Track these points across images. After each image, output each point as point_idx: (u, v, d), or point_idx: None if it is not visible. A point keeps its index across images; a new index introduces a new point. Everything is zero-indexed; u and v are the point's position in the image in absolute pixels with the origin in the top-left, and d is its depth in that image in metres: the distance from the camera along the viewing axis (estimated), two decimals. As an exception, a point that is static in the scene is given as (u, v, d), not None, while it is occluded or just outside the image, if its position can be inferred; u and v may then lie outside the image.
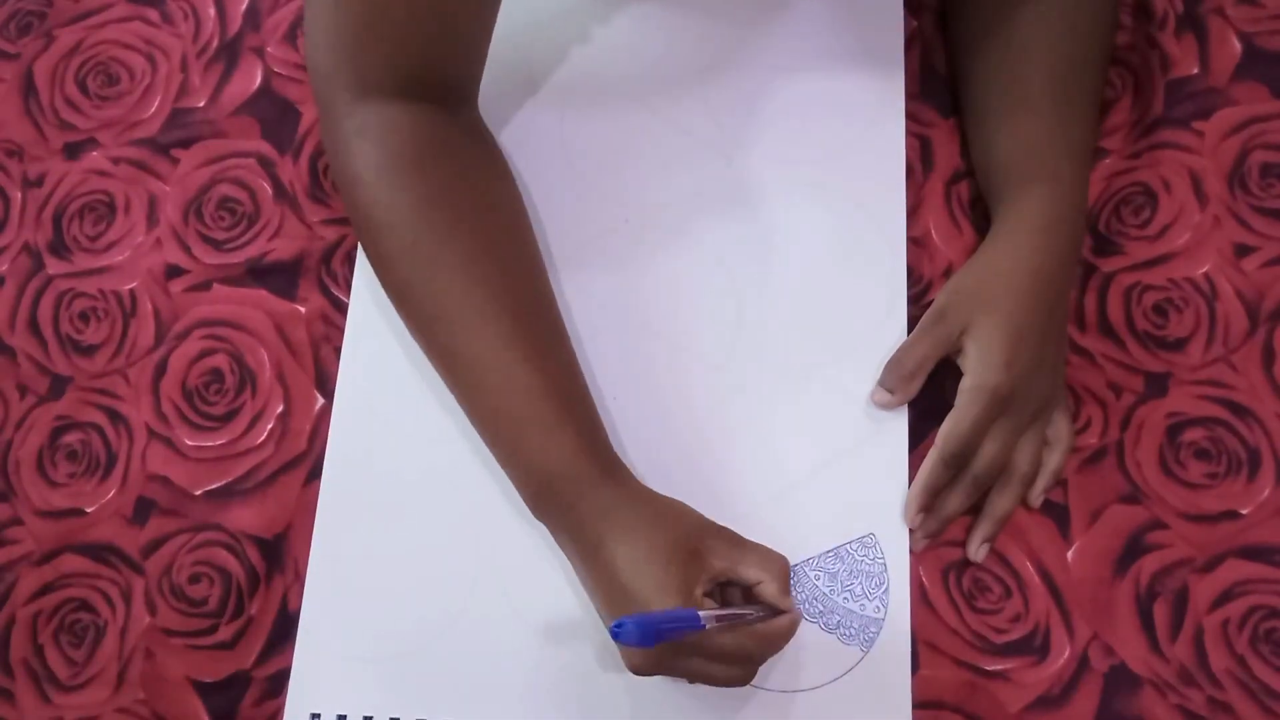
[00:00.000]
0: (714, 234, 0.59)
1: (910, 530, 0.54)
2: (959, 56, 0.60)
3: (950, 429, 0.52)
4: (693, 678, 0.49)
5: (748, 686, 0.50)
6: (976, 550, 0.53)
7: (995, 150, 0.56)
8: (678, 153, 0.60)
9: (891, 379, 0.55)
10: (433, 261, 0.51)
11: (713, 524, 0.50)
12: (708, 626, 0.44)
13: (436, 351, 0.52)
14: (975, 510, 0.54)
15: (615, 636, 0.41)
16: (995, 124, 0.57)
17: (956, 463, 0.52)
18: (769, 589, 0.48)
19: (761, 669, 0.50)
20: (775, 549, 0.50)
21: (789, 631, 0.49)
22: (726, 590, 0.50)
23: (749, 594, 0.49)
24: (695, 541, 0.48)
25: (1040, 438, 0.53)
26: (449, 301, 0.50)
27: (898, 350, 0.55)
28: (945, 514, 0.53)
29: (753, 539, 0.50)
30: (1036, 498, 0.54)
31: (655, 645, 0.43)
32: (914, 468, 0.55)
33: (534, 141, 0.61)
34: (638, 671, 0.48)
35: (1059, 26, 0.55)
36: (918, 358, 0.54)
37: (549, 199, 0.60)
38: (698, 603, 0.46)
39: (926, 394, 0.56)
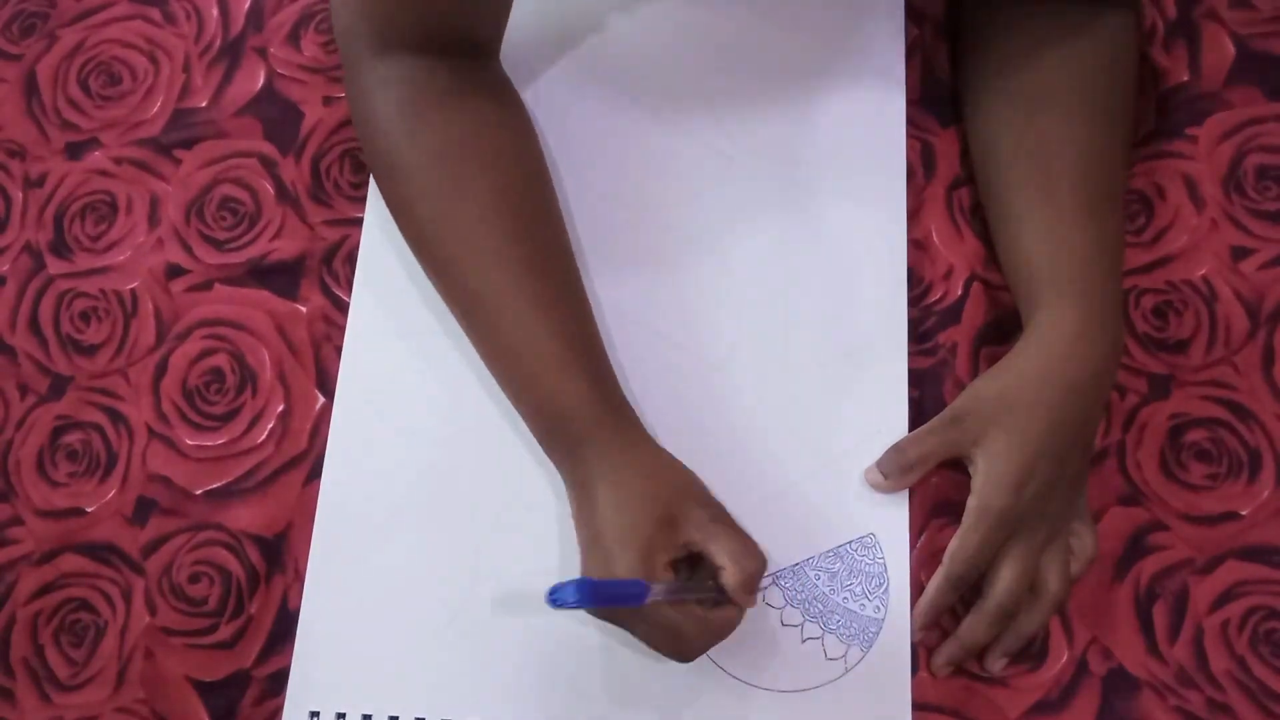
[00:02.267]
0: (714, 234, 0.59)
1: (914, 642, 0.53)
2: (980, 153, 0.58)
3: (956, 550, 0.51)
4: (639, 638, 0.48)
5: (748, 686, 0.50)
6: (994, 664, 0.51)
7: (1024, 253, 0.54)
8: (679, 153, 0.61)
9: (890, 466, 0.53)
10: (452, 204, 0.51)
11: (704, 494, 0.50)
12: (648, 601, 0.44)
13: (453, 292, 0.53)
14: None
15: (551, 601, 0.42)
16: (1022, 227, 0.54)
17: (964, 584, 0.51)
18: (730, 578, 0.47)
19: (762, 670, 0.50)
20: (776, 548, 0.50)
21: (728, 626, 0.48)
22: (699, 563, 0.49)
23: (716, 580, 0.48)
24: (677, 505, 0.48)
25: (1064, 552, 0.51)
26: (467, 243, 0.51)
27: (904, 439, 0.54)
28: (973, 644, 0.51)
29: (758, 539, 0.50)
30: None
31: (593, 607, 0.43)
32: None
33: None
34: (591, 613, 0.48)
35: (1082, 125, 0.54)
36: (921, 453, 0.52)
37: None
38: (655, 569, 0.46)
39: (927, 394, 0.56)
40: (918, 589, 0.53)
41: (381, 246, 0.59)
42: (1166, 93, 0.60)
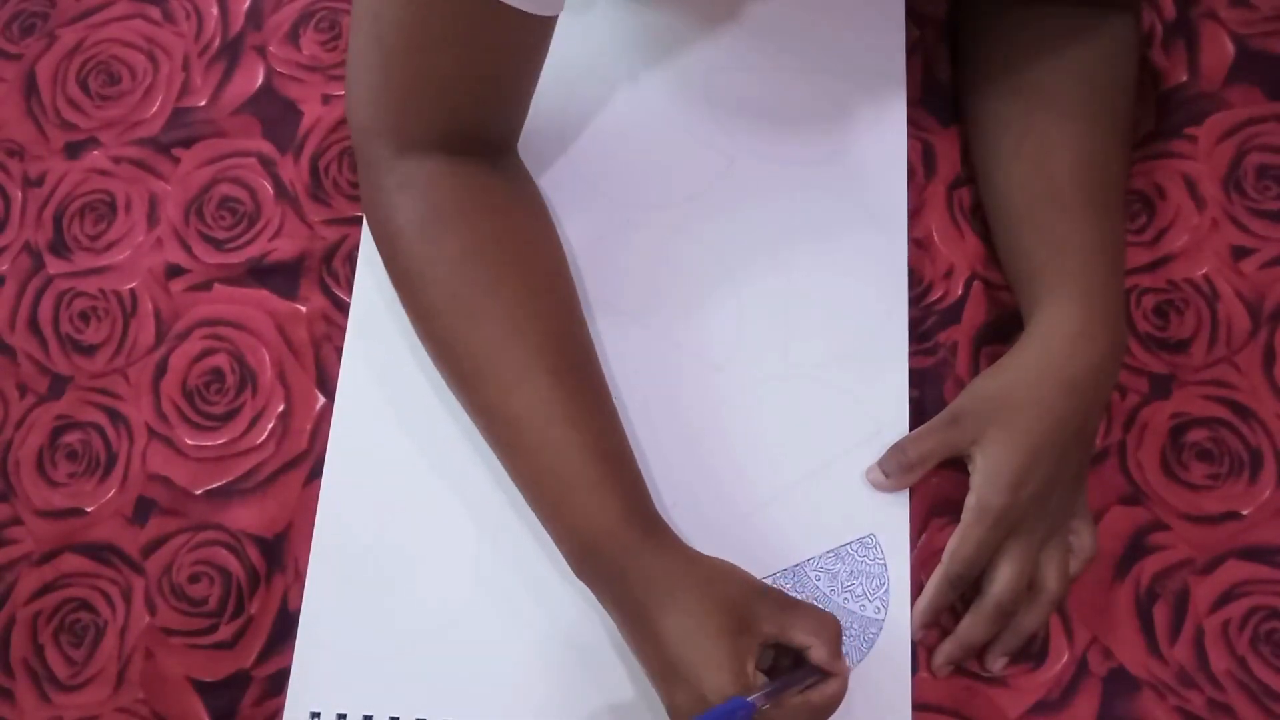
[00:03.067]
0: (715, 235, 0.59)
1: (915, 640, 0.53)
2: (981, 152, 0.58)
3: (954, 549, 0.51)
4: None
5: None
6: (994, 663, 0.52)
7: (1025, 252, 0.54)
8: (680, 154, 0.61)
9: (891, 466, 0.53)
10: (474, 315, 0.50)
11: (760, 585, 0.49)
12: (760, 706, 0.43)
13: (478, 408, 0.51)
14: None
15: None
16: (1022, 226, 0.54)
17: (962, 583, 0.51)
18: (820, 653, 0.46)
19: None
20: (776, 549, 0.50)
21: (839, 695, 0.47)
22: (777, 651, 0.48)
23: (799, 656, 0.48)
24: (743, 608, 0.46)
25: (1063, 550, 0.51)
26: (490, 357, 0.50)
27: (904, 439, 0.54)
28: (972, 643, 0.51)
29: (754, 539, 0.50)
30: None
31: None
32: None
33: (533, 141, 0.61)
34: None
35: (1082, 124, 0.54)
36: (922, 452, 0.52)
37: (548, 199, 0.60)
38: (750, 678, 0.45)
39: (928, 394, 0.56)
40: (918, 589, 0.53)
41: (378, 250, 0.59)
42: (1166, 93, 0.60)
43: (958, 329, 0.57)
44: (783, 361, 0.57)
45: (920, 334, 0.57)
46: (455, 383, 0.52)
